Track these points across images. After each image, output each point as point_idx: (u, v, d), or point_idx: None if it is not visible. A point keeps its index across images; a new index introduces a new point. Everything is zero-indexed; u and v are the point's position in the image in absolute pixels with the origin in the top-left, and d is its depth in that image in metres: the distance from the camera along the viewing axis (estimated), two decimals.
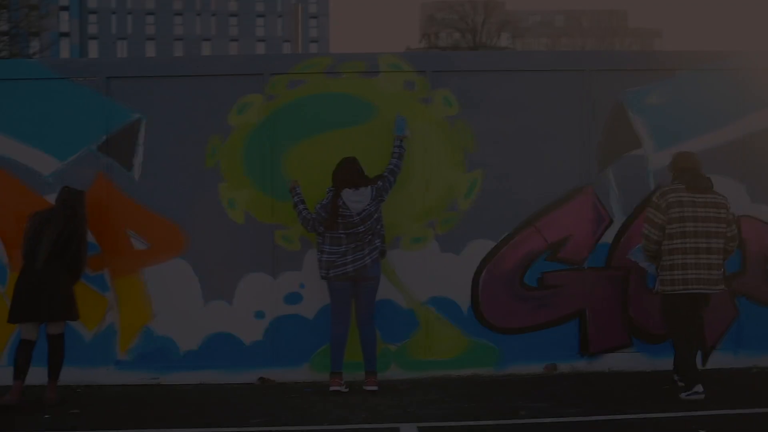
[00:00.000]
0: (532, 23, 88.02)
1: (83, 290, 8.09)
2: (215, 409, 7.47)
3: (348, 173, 7.77)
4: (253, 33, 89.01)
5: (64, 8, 77.43)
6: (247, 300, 8.32)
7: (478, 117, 8.34)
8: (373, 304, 7.93)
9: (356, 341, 7.98)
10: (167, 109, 8.28)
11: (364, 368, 7.93)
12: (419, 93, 8.29)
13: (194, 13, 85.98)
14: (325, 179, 7.90)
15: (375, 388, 7.86)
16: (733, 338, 8.54)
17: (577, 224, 8.40)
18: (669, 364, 8.37)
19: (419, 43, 67.27)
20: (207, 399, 7.81)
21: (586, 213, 8.39)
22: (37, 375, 7.73)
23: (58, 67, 8.45)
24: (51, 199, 7.99)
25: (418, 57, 8.41)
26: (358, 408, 7.39)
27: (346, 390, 7.88)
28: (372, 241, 7.83)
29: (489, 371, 8.44)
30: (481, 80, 8.35)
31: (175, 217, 8.29)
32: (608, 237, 8.43)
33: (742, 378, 8.20)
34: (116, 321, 8.32)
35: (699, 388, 7.31)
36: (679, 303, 7.44)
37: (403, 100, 8.28)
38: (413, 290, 8.34)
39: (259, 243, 8.28)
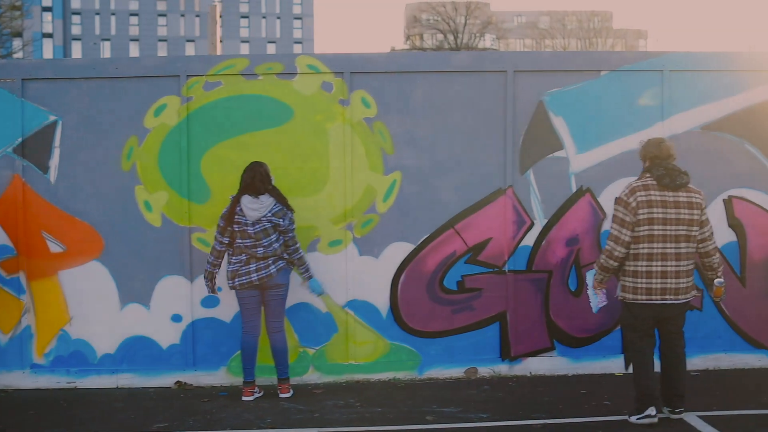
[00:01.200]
0: (517, 24, 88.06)
1: None
2: (123, 414, 7.39)
3: (250, 179, 7.62)
4: (237, 34, 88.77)
5: (47, 9, 77.49)
6: (164, 303, 8.24)
7: (396, 118, 8.26)
8: (282, 313, 7.82)
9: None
10: (84, 111, 8.18)
11: (276, 375, 7.87)
12: (337, 94, 8.20)
13: (178, 14, 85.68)
14: None
15: (288, 395, 7.78)
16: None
17: (497, 226, 8.31)
18: (591, 368, 8.38)
19: (404, 44, 67.35)
20: (118, 403, 7.72)
21: (507, 215, 8.30)
22: None
23: None
24: None
25: (336, 58, 8.30)
26: (267, 412, 7.33)
27: (261, 394, 7.82)
28: (277, 252, 7.64)
29: (409, 375, 8.36)
30: (400, 81, 8.25)
31: (92, 220, 8.19)
32: (529, 239, 8.34)
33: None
34: (32, 324, 8.22)
35: (652, 410, 6.67)
36: (640, 314, 6.73)
37: (321, 102, 8.20)
38: (332, 293, 8.25)
39: (176, 246, 8.20)
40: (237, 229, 7.60)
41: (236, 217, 7.59)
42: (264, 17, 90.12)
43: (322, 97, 8.21)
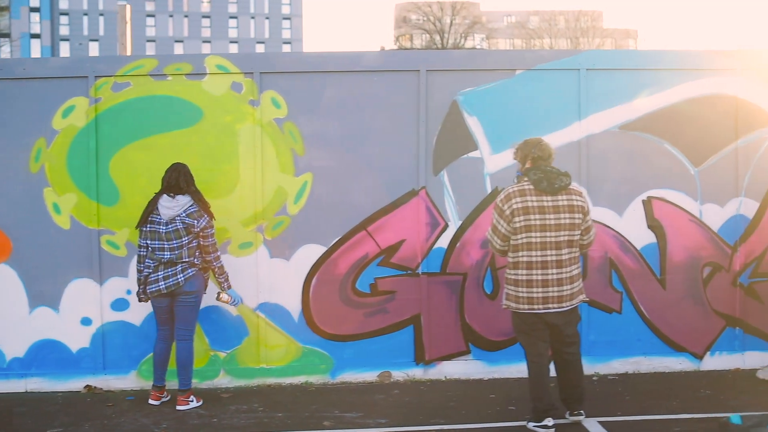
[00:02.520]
0: (507, 24, 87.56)
1: None
2: (21, 419, 7.30)
3: (168, 179, 7.49)
4: (226, 34, 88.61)
5: (35, 9, 77.51)
6: (73, 306, 8.11)
7: (307, 119, 8.14)
8: (192, 320, 7.60)
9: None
10: None
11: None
12: (247, 95, 8.08)
13: (167, 15, 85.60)
14: (152, 183, 7.67)
15: (185, 407, 7.49)
16: None
17: (410, 228, 8.19)
18: (507, 371, 8.26)
19: (394, 45, 67.29)
20: (21, 408, 7.61)
21: (420, 216, 8.18)
22: None
23: None
24: None
25: (246, 58, 8.19)
26: (166, 417, 7.25)
27: (168, 398, 7.71)
28: (184, 257, 7.46)
29: (322, 379, 8.24)
30: (311, 81, 8.14)
31: (0, 223, 8.09)
32: (443, 241, 8.21)
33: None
34: None
35: (549, 421, 6.49)
36: (527, 321, 6.56)
37: (231, 102, 8.08)
38: (243, 296, 8.09)
39: (85, 249, 8.07)
40: (149, 230, 7.47)
41: (151, 216, 7.48)
42: (252, 17, 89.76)
43: (232, 98, 8.10)
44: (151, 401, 7.64)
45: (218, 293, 7.73)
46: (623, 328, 8.37)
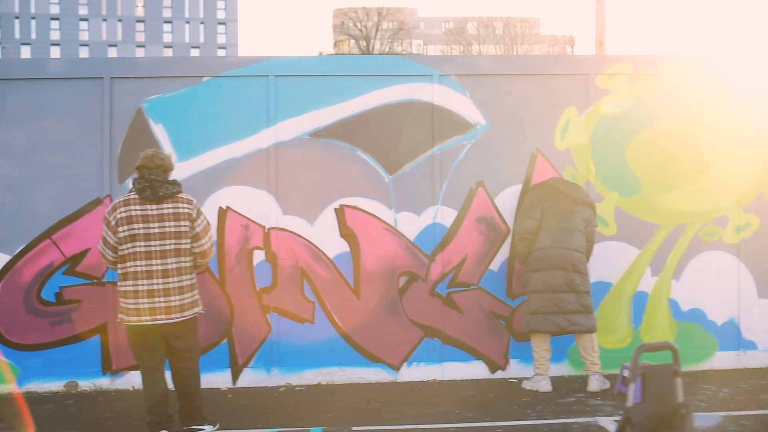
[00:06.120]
0: (445, 30, 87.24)
1: None
2: None
3: None
4: (161, 39, 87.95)
5: None
6: None
7: None
8: None
9: None
10: None
11: None
12: None
13: (100, 19, 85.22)
14: None
15: None
16: (265, 356, 8.28)
17: (95, 237, 8.00)
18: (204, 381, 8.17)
19: (333, 50, 67.29)
20: None
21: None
22: None
23: None
24: None
25: None
26: None
27: None
28: None
29: (7, 388, 8.16)
30: None
31: None
32: None
33: (266, 397, 7.92)
34: None
35: None
36: (138, 333, 6.42)
37: None
38: None
39: None
40: None
41: None
42: (187, 22, 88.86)
43: None
44: None
45: None
46: (316, 338, 8.30)
